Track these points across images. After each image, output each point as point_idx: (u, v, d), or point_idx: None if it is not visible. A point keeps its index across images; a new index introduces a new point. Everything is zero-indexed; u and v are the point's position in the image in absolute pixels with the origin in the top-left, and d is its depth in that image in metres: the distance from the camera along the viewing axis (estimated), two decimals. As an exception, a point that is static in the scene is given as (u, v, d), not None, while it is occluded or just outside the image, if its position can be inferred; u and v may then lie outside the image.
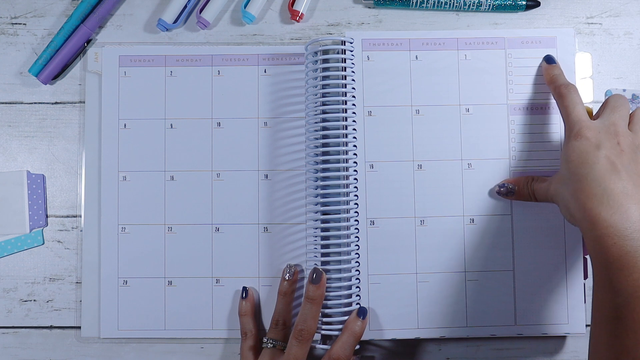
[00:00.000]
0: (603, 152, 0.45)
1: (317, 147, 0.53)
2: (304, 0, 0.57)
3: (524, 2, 0.57)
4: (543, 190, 0.51)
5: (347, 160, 0.53)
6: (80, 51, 0.57)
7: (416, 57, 0.55)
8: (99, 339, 0.55)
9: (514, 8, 0.57)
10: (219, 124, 0.56)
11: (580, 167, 0.45)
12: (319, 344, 0.53)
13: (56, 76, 0.57)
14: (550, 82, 0.53)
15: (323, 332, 0.52)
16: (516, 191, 0.53)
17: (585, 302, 0.54)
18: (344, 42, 0.54)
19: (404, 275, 0.54)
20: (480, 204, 0.54)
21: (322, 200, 0.52)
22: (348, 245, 0.53)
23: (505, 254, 0.54)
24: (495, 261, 0.54)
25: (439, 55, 0.55)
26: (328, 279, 0.52)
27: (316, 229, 0.53)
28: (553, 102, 0.55)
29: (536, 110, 0.55)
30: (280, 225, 0.55)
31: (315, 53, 0.54)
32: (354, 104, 0.54)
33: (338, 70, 0.54)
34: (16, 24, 0.58)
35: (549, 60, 0.55)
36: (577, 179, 0.45)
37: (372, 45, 0.55)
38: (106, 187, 0.56)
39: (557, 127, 0.55)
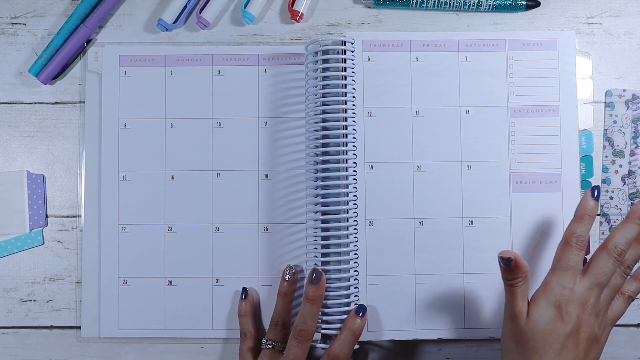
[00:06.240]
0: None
1: (317, 147, 0.53)
2: (304, 0, 0.57)
3: (524, 2, 0.57)
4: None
5: (346, 161, 0.53)
6: (80, 51, 0.57)
7: (417, 58, 0.55)
8: (99, 339, 0.55)
9: (514, 8, 0.57)
10: (219, 124, 0.56)
11: None
12: (319, 343, 0.53)
13: (56, 76, 0.57)
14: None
15: (323, 331, 0.52)
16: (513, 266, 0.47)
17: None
18: (344, 42, 0.54)
19: (403, 277, 0.54)
20: (479, 205, 0.54)
21: (322, 200, 0.52)
22: (347, 245, 0.53)
23: (504, 256, 0.54)
24: (494, 263, 0.54)
25: (440, 56, 0.55)
26: (327, 279, 0.52)
27: (316, 229, 0.53)
28: (554, 104, 0.55)
29: (537, 112, 0.55)
30: (280, 225, 0.55)
31: (316, 53, 0.54)
32: (354, 105, 0.54)
33: (338, 71, 0.54)
34: (16, 24, 0.58)
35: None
36: None
37: (373, 46, 0.55)
38: (106, 187, 0.56)
39: (557, 130, 0.55)
